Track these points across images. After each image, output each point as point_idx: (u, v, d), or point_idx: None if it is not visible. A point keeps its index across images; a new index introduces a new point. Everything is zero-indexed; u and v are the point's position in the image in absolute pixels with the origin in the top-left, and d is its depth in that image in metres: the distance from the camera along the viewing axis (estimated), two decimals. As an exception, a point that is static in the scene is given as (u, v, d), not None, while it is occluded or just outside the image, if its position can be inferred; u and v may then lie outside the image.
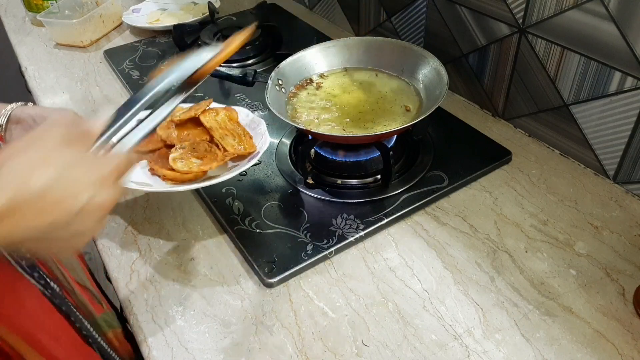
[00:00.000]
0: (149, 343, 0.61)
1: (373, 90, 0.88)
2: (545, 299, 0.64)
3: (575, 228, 0.73)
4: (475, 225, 0.74)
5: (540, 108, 0.86)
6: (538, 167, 0.84)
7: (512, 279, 0.66)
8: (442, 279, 0.67)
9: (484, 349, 0.59)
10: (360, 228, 0.72)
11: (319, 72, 0.91)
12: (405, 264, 0.69)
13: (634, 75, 0.71)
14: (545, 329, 0.61)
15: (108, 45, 1.24)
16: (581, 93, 0.79)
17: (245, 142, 0.74)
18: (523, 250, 0.70)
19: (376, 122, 0.81)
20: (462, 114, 0.95)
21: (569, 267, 0.68)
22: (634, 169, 0.76)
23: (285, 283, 0.67)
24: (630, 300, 0.63)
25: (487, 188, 0.80)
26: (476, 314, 0.63)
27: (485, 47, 0.91)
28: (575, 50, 0.77)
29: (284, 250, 0.70)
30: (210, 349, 0.60)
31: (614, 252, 0.69)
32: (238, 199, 0.78)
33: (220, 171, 0.71)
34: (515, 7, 0.82)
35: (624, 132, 0.75)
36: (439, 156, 0.84)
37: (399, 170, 0.81)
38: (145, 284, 0.68)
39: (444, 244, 0.71)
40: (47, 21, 1.23)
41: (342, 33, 1.26)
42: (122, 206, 0.79)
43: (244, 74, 0.91)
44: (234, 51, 0.53)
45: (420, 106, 0.83)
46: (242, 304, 0.65)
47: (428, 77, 0.85)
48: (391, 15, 1.10)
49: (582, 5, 0.73)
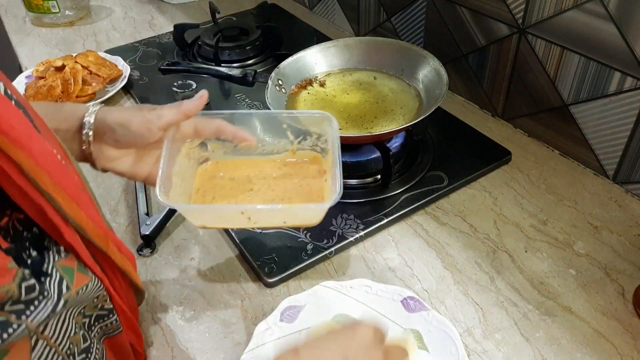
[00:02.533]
0: (150, 343, 0.61)
1: (373, 90, 0.88)
2: (545, 299, 0.64)
3: (574, 228, 0.73)
4: (475, 225, 0.74)
5: (540, 108, 0.86)
6: (538, 167, 0.84)
7: (511, 279, 0.66)
8: (442, 279, 0.67)
9: (484, 348, 0.59)
10: (360, 228, 0.72)
11: (319, 73, 0.91)
12: (405, 263, 0.69)
13: (633, 76, 0.71)
14: (545, 328, 0.61)
15: (108, 45, 1.24)
16: (581, 93, 0.79)
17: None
18: (523, 250, 0.70)
19: (376, 123, 0.81)
20: (461, 114, 0.95)
21: (568, 267, 0.68)
22: (634, 169, 0.76)
23: (285, 283, 0.67)
24: (630, 300, 0.63)
25: (487, 188, 0.80)
26: (476, 313, 0.63)
27: (485, 47, 0.91)
28: (575, 50, 0.77)
29: (284, 250, 0.70)
30: (210, 348, 0.61)
31: (614, 252, 0.69)
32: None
33: None
34: (515, 8, 0.82)
35: (624, 132, 0.75)
36: (438, 156, 0.84)
37: (398, 170, 0.81)
38: (146, 283, 0.68)
39: (443, 244, 0.71)
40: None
41: (342, 33, 1.26)
42: (122, 206, 0.79)
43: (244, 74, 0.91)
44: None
45: (420, 106, 0.83)
46: (242, 303, 0.65)
47: (428, 77, 0.85)
48: (391, 15, 1.10)
49: (582, 5, 0.73)
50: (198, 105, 0.56)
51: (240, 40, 1.14)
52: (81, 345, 0.46)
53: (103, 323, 0.50)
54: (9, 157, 0.35)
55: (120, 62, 1.10)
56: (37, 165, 0.37)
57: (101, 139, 0.57)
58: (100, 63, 1.07)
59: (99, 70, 1.05)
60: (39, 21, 1.35)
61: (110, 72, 1.06)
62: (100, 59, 1.09)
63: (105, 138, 0.56)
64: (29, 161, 0.37)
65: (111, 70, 1.06)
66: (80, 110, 0.56)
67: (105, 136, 0.56)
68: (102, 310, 0.49)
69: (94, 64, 1.06)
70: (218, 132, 0.59)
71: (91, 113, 0.56)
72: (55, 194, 0.39)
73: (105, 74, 1.05)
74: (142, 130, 0.55)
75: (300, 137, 0.64)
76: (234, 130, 0.59)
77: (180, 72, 0.98)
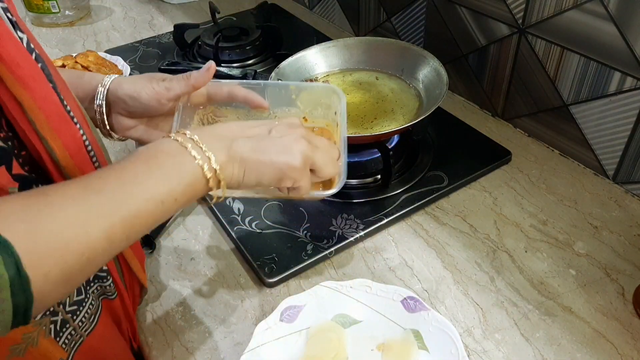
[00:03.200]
0: (149, 343, 0.61)
1: (373, 90, 0.88)
2: (545, 299, 0.64)
3: (574, 228, 0.73)
4: (475, 225, 0.74)
5: (539, 108, 0.86)
6: (538, 167, 0.84)
7: (511, 279, 0.66)
8: (442, 279, 0.67)
9: (484, 348, 0.59)
10: (360, 228, 0.72)
11: (319, 73, 0.91)
12: (405, 263, 0.69)
13: (633, 76, 0.71)
14: (545, 328, 0.61)
15: (108, 45, 1.24)
16: (581, 93, 0.79)
17: None
18: (523, 250, 0.70)
19: (376, 122, 0.81)
20: (461, 114, 0.95)
21: (568, 267, 0.68)
22: (634, 169, 0.76)
23: (285, 283, 0.67)
24: (630, 300, 0.63)
25: (487, 188, 0.80)
26: (476, 313, 0.63)
27: (485, 47, 0.91)
28: (575, 50, 0.77)
29: (284, 250, 0.70)
30: (210, 349, 0.61)
31: (614, 252, 0.69)
32: (238, 199, 0.78)
33: None
34: (515, 8, 0.82)
35: (624, 132, 0.75)
36: (438, 156, 0.84)
37: (399, 170, 0.81)
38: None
39: (443, 244, 0.71)
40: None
41: (342, 33, 1.26)
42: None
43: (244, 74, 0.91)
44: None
45: (420, 106, 0.83)
46: (242, 304, 0.65)
47: (428, 77, 0.85)
48: (391, 15, 1.10)
49: (582, 5, 0.73)
50: (206, 76, 0.58)
51: (240, 40, 1.14)
52: (74, 296, 0.47)
53: (100, 283, 0.53)
54: (13, 94, 0.39)
55: (120, 62, 1.10)
56: (37, 107, 0.40)
57: (115, 109, 0.59)
58: (100, 63, 1.08)
59: (99, 70, 1.05)
60: (38, 21, 1.35)
61: (110, 72, 1.06)
62: (100, 59, 1.09)
63: (119, 109, 0.59)
64: (30, 101, 0.39)
65: (111, 70, 1.07)
66: (96, 80, 0.59)
67: (119, 107, 0.59)
68: (101, 272, 0.52)
69: (94, 64, 1.06)
70: (230, 97, 0.60)
71: (105, 84, 0.58)
72: (51, 141, 0.42)
73: (105, 74, 1.04)
74: (152, 102, 0.57)
75: (310, 107, 0.63)
76: (246, 93, 0.59)
77: (180, 72, 0.96)
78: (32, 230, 0.34)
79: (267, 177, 0.47)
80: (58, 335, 0.47)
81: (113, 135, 0.61)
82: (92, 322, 0.51)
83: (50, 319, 0.46)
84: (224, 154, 0.45)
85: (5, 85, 0.39)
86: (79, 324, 0.49)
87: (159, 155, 0.43)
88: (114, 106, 0.59)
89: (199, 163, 0.43)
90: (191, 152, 0.43)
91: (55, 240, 0.34)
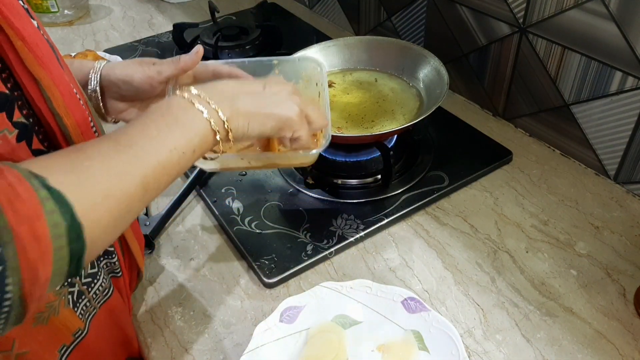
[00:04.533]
0: (149, 343, 0.61)
1: (373, 90, 0.87)
2: (546, 300, 0.64)
3: (576, 228, 0.73)
4: (476, 225, 0.74)
5: (540, 108, 0.86)
6: (539, 167, 0.83)
7: (512, 280, 0.66)
8: (443, 280, 0.67)
9: (485, 349, 0.59)
10: (360, 228, 0.72)
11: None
12: (405, 264, 0.69)
13: (634, 75, 0.71)
14: (546, 329, 0.61)
15: (107, 44, 1.24)
16: (582, 93, 0.78)
17: None
18: (524, 250, 0.70)
19: (376, 122, 0.80)
20: (462, 113, 0.95)
21: (569, 267, 0.67)
22: (635, 169, 0.76)
23: (285, 283, 0.67)
24: (631, 300, 0.63)
25: (488, 188, 0.80)
26: (477, 314, 0.62)
27: (486, 46, 0.91)
28: (576, 49, 0.77)
29: (284, 250, 0.70)
30: (210, 349, 0.60)
31: (615, 252, 0.69)
32: (238, 199, 0.77)
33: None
34: (515, 7, 0.82)
35: (625, 132, 0.75)
36: (439, 156, 0.83)
37: (399, 170, 0.81)
38: (145, 284, 0.68)
39: (444, 244, 0.71)
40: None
41: (342, 33, 1.26)
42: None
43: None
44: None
45: (421, 106, 0.83)
46: (242, 304, 0.65)
47: (428, 76, 0.85)
48: (391, 14, 1.10)
49: (583, 4, 0.73)
50: (195, 59, 0.60)
51: (240, 39, 1.14)
52: (88, 269, 0.52)
53: (108, 259, 0.56)
54: (31, 73, 0.42)
55: None
56: (54, 84, 0.44)
57: (107, 93, 0.61)
58: None
59: None
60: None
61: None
62: (99, 59, 1.09)
63: (112, 93, 0.61)
64: (47, 79, 0.43)
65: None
66: (86, 67, 0.61)
67: (111, 91, 0.61)
68: (109, 247, 0.55)
69: None
70: (215, 76, 0.62)
71: (97, 70, 0.60)
72: (65, 118, 0.45)
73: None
74: (144, 86, 0.60)
75: (293, 81, 0.65)
76: (229, 70, 0.62)
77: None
78: (80, 181, 0.37)
79: (269, 127, 0.51)
80: (76, 305, 0.50)
81: (107, 118, 0.63)
82: (105, 294, 0.55)
83: (68, 289, 0.49)
84: (228, 109, 0.48)
85: (24, 65, 0.42)
86: (93, 295, 0.52)
87: (173, 111, 0.46)
88: (107, 90, 0.61)
89: (208, 116, 0.46)
90: (199, 107, 0.46)
91: (101, 189, 0.38)
